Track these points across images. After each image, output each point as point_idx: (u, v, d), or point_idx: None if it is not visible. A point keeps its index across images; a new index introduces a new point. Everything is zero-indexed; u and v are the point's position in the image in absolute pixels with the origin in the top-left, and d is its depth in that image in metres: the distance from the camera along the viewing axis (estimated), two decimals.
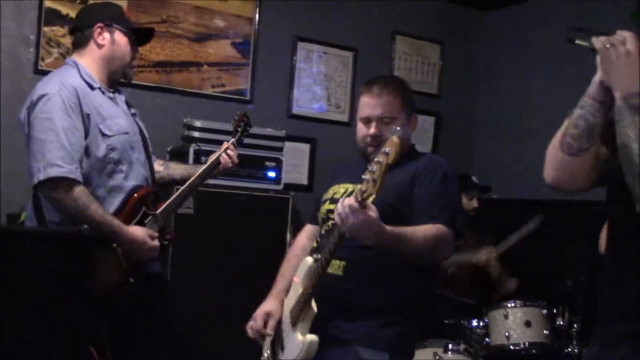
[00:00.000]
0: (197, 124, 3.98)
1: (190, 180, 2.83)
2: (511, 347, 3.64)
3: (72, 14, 3.66)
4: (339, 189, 2.53)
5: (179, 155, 3.98)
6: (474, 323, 3.82)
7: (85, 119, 2.59)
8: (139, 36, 2.84)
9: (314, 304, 2.31)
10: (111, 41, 2.71)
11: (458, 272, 4.25)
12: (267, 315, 2.54)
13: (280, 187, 4.14)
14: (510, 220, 4.76)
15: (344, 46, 4.94)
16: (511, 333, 3.63)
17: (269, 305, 2.58)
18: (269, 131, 4.15)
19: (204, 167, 2.90)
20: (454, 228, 2.34)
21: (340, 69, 4.95)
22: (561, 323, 3.64)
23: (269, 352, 2.60)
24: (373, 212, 2.05)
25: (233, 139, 3.03)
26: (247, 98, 4.56)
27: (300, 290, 2.37)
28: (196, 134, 3.94)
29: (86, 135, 2.60)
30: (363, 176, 1.99)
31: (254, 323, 2.56)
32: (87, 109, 2.60)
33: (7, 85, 3.76)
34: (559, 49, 4.82)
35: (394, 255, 2.28)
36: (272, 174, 4.10)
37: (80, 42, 2.72)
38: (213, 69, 4.45)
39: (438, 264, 2.61)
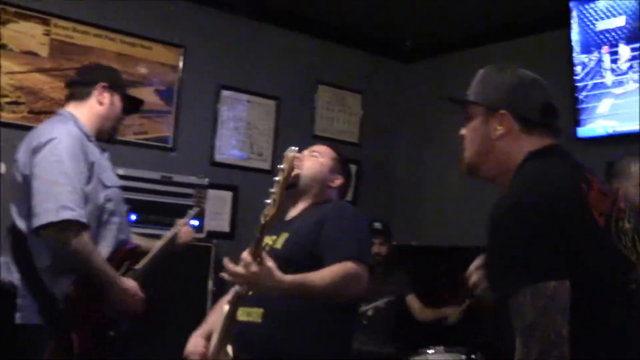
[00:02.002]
0: (120, 171, 4.00)
1: (161, 244, 3.07)
2: None
3: None
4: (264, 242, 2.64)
5: None
6: None
7: (90, 166, 2.68)
8: (130, 104, 3.01)
9: (229, 350, 2.33)
10: (111, 102, 2.85)
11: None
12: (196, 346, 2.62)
13: (203, 235, 4.19)
14: (427, 265, 4.97)
15: (268, 95, 5.06)
16: None
17: (193, 339, 2.67)
18: (192, 179, 4.19)
19: (163, 241, 3.10)
20: (366, 263, 2.42)
21: (263, 117, 5.05)
22: None
23: None
24: (264, 267, 2.10)
25: (189, 217, 3.31)
26: (170, 145, 4.62)
27: (213, 342, 2.41)
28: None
29: (89, 182, 2.67)
30: (266, 201, 2.06)
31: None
32: (91, 156, 2.69)
33: None
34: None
35: (305, 300, 2.34)
36: (194, 222, 4.16)
37: (79, 96, 2.82)
38: (136, 116, 4.47)
39: (355, 302, 2.69)
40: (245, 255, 2.10)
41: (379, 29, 5.30)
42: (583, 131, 4.25)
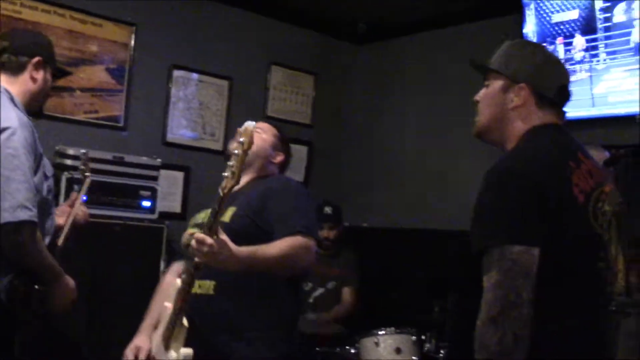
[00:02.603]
0: (70, 151, 3.97)
1: (70, 220, 2.89)
2: None
3: None
4: (203, 214, 2.70)
5: None
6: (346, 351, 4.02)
7: (39, 158, 2.52)
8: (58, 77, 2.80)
9: (184, 321, 2.38)
10: (44, 79, 2.64)
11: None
12: (137, 349, 2.64)
13: (155, 216, 4.19)
14: (376, 247, 5.05)
15: (220, 75, 5.06)
16: None
17: (137, 340, 2.68)
18: (144, 160, 4.22)
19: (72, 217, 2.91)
20: (314, 236, 2.53)
21: (215, 98, 5.05)
22: (429, 348, 3.89)
23: None
24: (220, 240, 2.17)
25: (80, 193, 3.02)
26: (121, 125, 4.59)
27: (167, 313, 2.45)
28: (69, 162, 3.93)
29: (35, 174, 2.50)
30: (224, 173, 2.11)
31: (125, 359, 2.64)
32: (39, 147, 2.51)
33: None
34: (431, 83, 5.18)
35: (256, 271, 2.40)
36: (147, 204, 4.15)
37: (11, 69, 2.59)
38: (86, 95, 4.46)
39: (303, 273, 2.81)
40: (200, 233, 2.16)
41: (332, 11, 5.30)
42: None
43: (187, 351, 2.37)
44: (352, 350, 3.99)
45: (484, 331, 1.62)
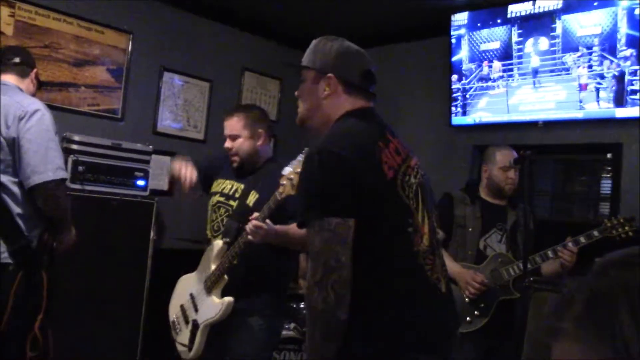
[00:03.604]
0: (76, 137, 3.96)
1: None
2: None
3: None
4: (226, 184, 2.90)
5: None
6: (302, 305, 4.09)
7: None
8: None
9: (225, 276, 2.64)
10: (37, 85, 2.97)
11: None
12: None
13: (147, 193, 4.21)
14: None
15: (202, 77, 5.07)
16: None
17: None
18: (138, 146, 4.22)
19: None
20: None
21: (198, 96, 5.05)
22: None
23: (175, 316, 2.88)
24: (270, 226, 2.49)
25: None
26: (119, 116, 4.59)
27: (212, 267, 2.69)
28: (75, 147, 3.92)
29: None
30: (282, 182, 2.33)
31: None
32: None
33: None
34: (392, 91, 5.26)
35: (281, 245, 2.64)
36: (140, 183, 4.15)
37: (21, 73, 2.88)
38: (89, 90, 4.43)
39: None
40: (257, 222, 2.47)
41: (294, 26, 5.33)
42: (456, 120, 4.48)
43: (230, 300, 2.63)
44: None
45: (310, 293, 1.56)
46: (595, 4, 3.60)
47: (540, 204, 4.50)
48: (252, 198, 2.77)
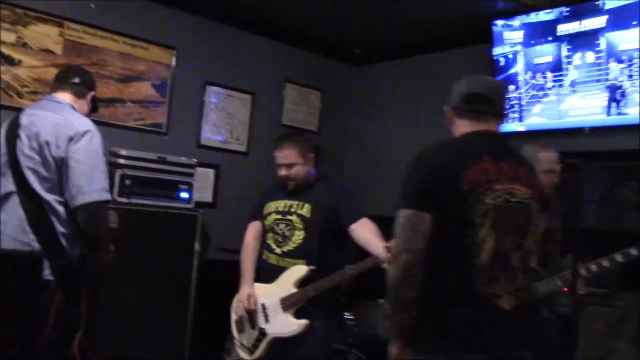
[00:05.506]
0: (123, 152, 4.01)
1: None
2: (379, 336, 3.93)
3: None
4: (279, 204, 3.09)
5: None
6: (346, 316, 4.09)
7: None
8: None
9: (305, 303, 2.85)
10: (91, 107, 2.99)
11: None
12: (250, 297, 3.01)
13: (192, 205, 4.23)
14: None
15: (245, 90, 5.09)
16: (377, 324, 3.91)
17: (248, 289, 3.04)
18: (183, 159, 4.24)
19: None
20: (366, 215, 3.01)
21: (241, 109, 5.08)
22: None
23: (240, 316, 3.05)
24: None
25: None
26: (164, 130, 4.65)
27: (293, 290, 2.87)
28: (121, 161, 3.96)
29: None
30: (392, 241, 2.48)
31: (241, 303, 3.01)
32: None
33: None
34: (414, 99, 5.23)
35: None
36: (185, 195, 4.18)
37: (78, 94, 2.90)
38: (135, 106, 4.51)
39: None
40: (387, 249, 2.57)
41: (335, 38, 5.34)
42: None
43: (306, 322, 2.82)
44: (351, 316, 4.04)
45: (388, 269, 1.89)
46: (634, 22, 3.87)
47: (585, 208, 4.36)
48: (306, 209, 2.99)
